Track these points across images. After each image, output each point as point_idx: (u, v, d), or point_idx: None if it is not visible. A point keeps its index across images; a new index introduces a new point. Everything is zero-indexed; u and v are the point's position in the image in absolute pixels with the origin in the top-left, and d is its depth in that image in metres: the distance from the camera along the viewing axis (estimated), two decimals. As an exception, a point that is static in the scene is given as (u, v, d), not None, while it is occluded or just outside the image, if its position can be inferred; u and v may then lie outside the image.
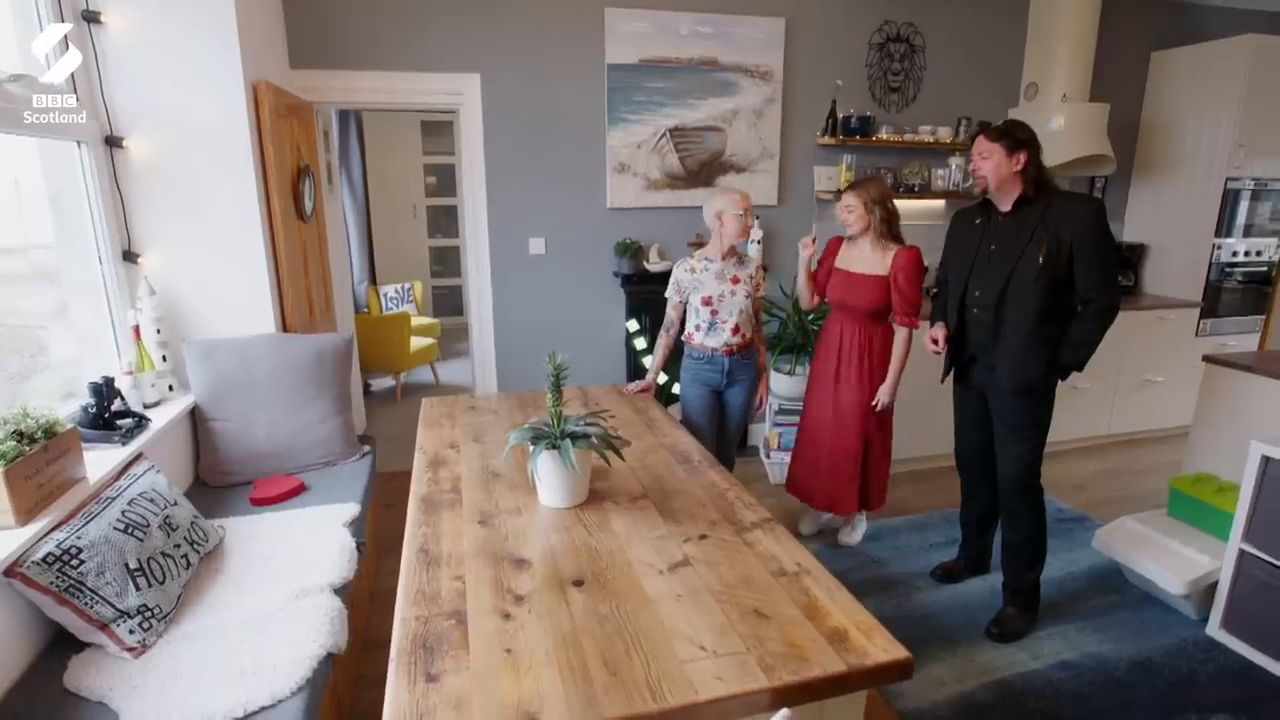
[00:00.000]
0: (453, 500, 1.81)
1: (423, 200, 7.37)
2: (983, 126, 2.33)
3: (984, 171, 2.28)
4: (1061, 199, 2.26)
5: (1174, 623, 2.53)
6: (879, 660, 1.19)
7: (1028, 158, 2.22)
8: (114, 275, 2.43)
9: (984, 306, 2.37)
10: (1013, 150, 2.22)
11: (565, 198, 3.69)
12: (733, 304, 2.61)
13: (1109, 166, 4.07)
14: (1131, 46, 4.37)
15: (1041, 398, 2.37)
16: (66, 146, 2.26)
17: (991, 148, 2.25)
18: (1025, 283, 2.25)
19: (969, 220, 2.46)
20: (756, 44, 3.72)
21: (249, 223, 2.60)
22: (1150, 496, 3.61)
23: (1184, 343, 4.29)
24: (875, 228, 2.66)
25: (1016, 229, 2.28)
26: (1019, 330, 2.30)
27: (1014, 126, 2.26)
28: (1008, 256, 2.29)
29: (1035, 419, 2.39)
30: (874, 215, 2.64)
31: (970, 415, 2.61)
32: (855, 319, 2.76)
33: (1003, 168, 2.24)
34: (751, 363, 2.73)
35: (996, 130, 2.26)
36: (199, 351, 2.51)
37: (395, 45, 3.31)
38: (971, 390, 2.56)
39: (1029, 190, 2.25)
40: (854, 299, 2.72)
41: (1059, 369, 2.32)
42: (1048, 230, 2.21)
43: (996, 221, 2.35)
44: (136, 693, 1.45)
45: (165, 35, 2.38)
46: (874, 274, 2.68)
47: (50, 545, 1.54)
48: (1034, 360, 2.30)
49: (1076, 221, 2.19)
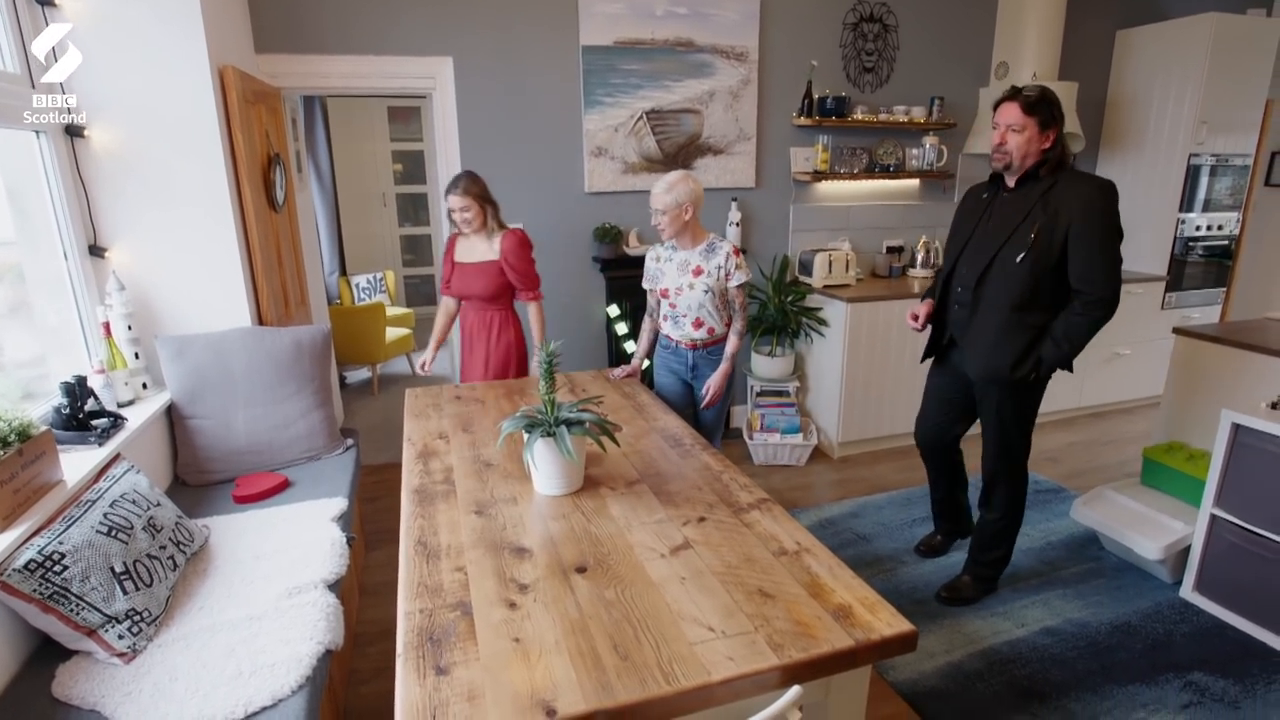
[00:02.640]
0: (446, 491, 1.79)
1: (392, 188, 7.23)
2: (1013, 91, 2.05)
3: (1011, 146, 2.05)
4: (1069, 178, 2.05)
5: (1150, 587, 2.61)
6: (884, 634, 1.21)
7: (1057, 135, 2.02)
8: (80, 271, 2.34)
9: (966, 285, 2.26)
10: (1046, 127, 2.01)
11: (542, 182, 3.64)
12: (690, 298, 2.47)
13: (1078, 144, 4.14)
14: (1097, 25, 4.44)
15: (1023, 392, 2.24)
16: (25, 137, 2.16)
17: (1025, 120, 2.00)
18: (1009, 263, 2.11)
19: (977, 196, 2.32)
20: (732, 25, 3.70)
21: (220, 213, 2.53)
22: (1122, 466, 3.71)
23: (1150, 316, 4.40)
24: (486, 221, 2.74)
25: (1016, 206, 2.12)
26: (993, 314, 2.18)
27: (1049, 98, 2.02)
28: (999, 234, 2.15)
29: (1016, 413, 2.28)
30: (486, 211, 2.72)
31: (936, 397, 2.54)
32: (477, 306, 2.83)
33: (1032, 144, 2.03)
34: (720, 359, 2.57)
35: (1030, 101, 2.00)
36: (172, 347, 2.44)
37: (365, 28, 3.22)
38: (947, 373, 2.47)
39: (1044, 170, 2.06)
40: (473, 288, 2.77)
41: (1036, 362, 2.16)
42: (1046, 210, 2.04)
43: (1001, 198, 2.20)
44: (130, 699, 1.42)
45: (125, 18, 2.28)
46: (487, 261, 2.75)
47: (31, 552, 1.49)
48: (1005, 348, 2.17)
49: (1079, 203, 1.99)
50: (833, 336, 3.78)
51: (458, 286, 2.82)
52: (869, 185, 4.19)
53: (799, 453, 3.77)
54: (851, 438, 3.85)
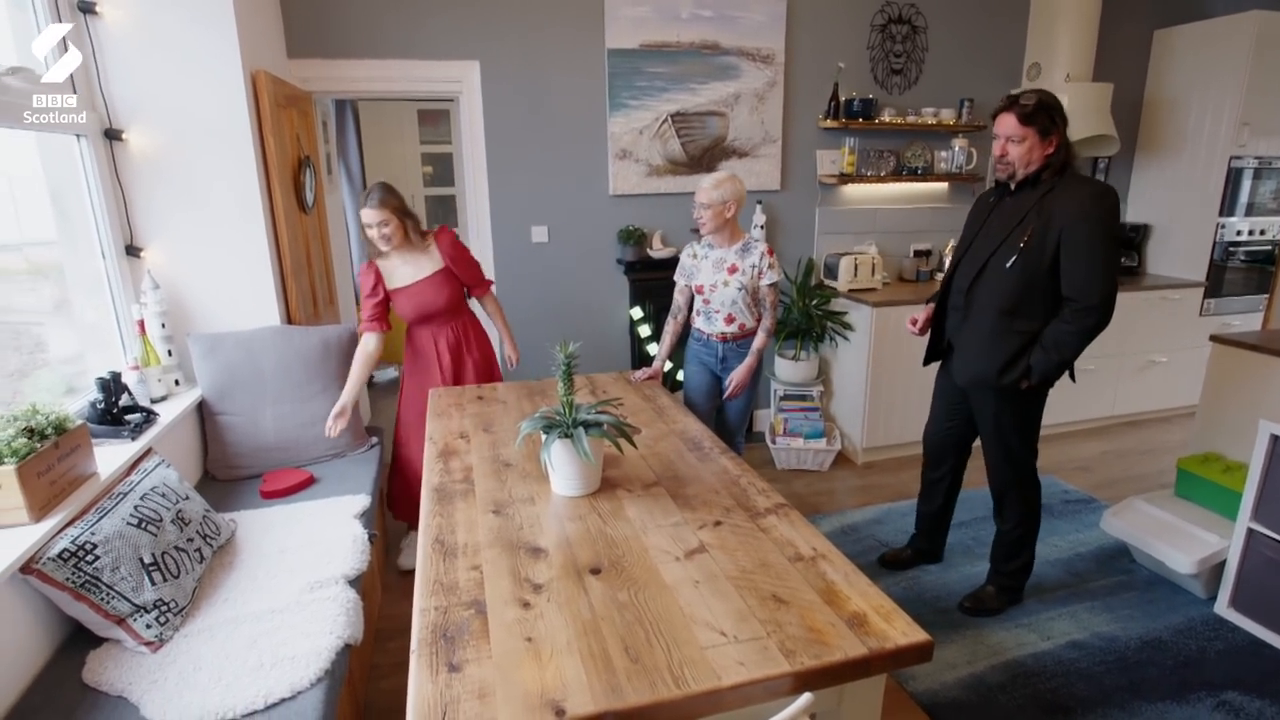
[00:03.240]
0: (465, 490, 1.81)
1: (421, 190, 7.32)
2: (1010, 100, 2.01)
3: (1012, 157, 2.01)
4: (1067, 182, 2.00)
5: (1182, 602, 2.54)
6: (899, 644, 1.19)
7: (1060, 140, 1.97)
8: (117, 270, 2.41)
9: (960, 291, 2.24)
10: (1047, 134, 1.96)
11: (567, 185, 3.67)
12: (724, 294, 2.57)
13: (1113, 146, 4.05)
14: (1134, 25, 4.34)
15: (1018, 400, 2.20)
16: (66, 140, 2.23)
17: (1024, 131, 1.97)
18: (1000, 268, 2.07)
19: (985, 200, 2.30)
20: (758, 27, 3.69)
21: (251, 215, 2.59)
22: (1156, 477, 3.62)
23: (1188, 323, 4.28)
24: (409, 235, 2.53)
25: (1014, 211, 2.09)
26: (982, 320, 2.15)
27: (1047, 103, 1.97)
28: (994, 239, 2.12)
29: (1014, 421, 2.24)
30: (406, 225, 2.51)
31: (943, 399, 2.53)
32: (441, 322, 2.66)
33: (1034, 152, 1.98)
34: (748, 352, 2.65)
35: (1026, 109, 1.95)
36: (204, 345, 2.51)
37: (394, 33, 3.28)
38: (949, 378, 2.46)
39: (1046, 174, 2.01)
40: (433, 305, 2.58)
41: (1025, 371, 2.11)
42: (1040, 215, 2.00)
43: (1004, 203, 2.18)
44: (156, 687, 1.46)
45: (162, 25, 2.35)
46: (433, 272, 2.57)
47: (65, 541, 1.54)
48: (992, 354, 2.14)
49: (1072, 208, 1.95)
50: (858, 341, 3.74)
51: (412, 311, 2.59)
52: (896, 188, 4.14)
53: (822, 458, 3.74)
54: (876, 443, 3.81)
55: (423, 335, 2.68)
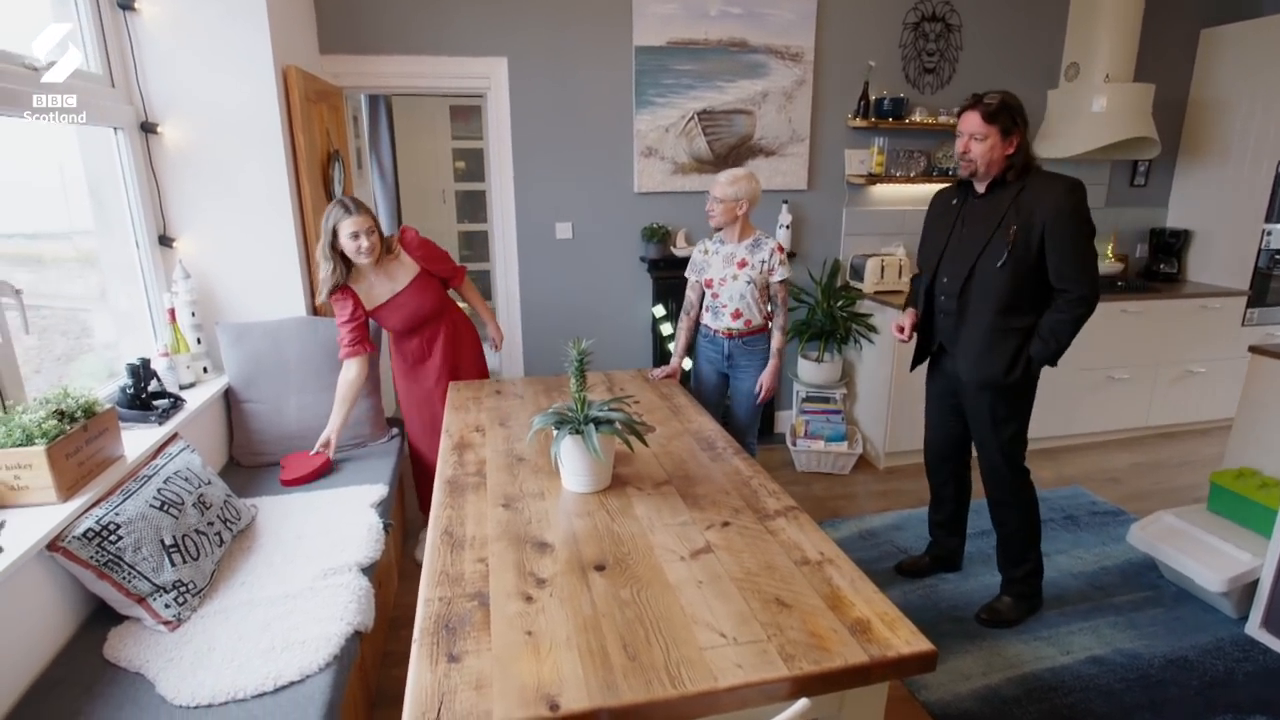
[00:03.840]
0: (477, 483, 1.83)
1: (451, 185, 7.40)
2: (974, 99, 2.08)
3: (974, 154, 2.08)
4: (1037, 180, 2.07)
5: (1211, 621, 2.46)
6: (902, 652, 1.17)
7: (1020, 140, 2.05)
8: (150, 259, 2.48)
9: (950, 294, 2.26)
10: (1008, 133, 2.04)
11: (592, 182, 3.68)
12: (733, 288, 2.60)
13: (1153, 150, 3.93)
14: (1180, 23, 4.20)
15: (1013, 392, 2.25)
16: (104, 133, 2.30)
17: (987, 129, 2.04)
18: (989, 270, 2.12)
19: (946, 201, 2.33)
20: (787, 24, 3.65)
21: (280, 207, 2.64)
22: (1189, 491, 3.51)
23: (1229, 332, 4.14)
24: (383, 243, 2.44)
25: (988, 212, 2.13)
26: (981, 321, 2.19)
27: (1009, 104, 2.04)
28: (975, 241, 2.16)
29: (1010, 413, 2.29)
30: (380, 232, 2.42)
31: (938, 406, 2.53)
32: (433, 326, 2.61)
33: (995, 151, 2.06)
34: (757, 350, 2.69)
35: (990, 108, 2.03)
36: (232, 334, 2.56)
37: (423, 29, 3.31)
38: (941, 381, 2.47)
39: (1010, 175, 2.08)
40: (422, 310, 2.52)
41: (1026, 362, 2.18)
42: (1019, 214, 2.06)
43: (971, 204, 2.21)
44: (172, 665, 1.50)
45: (197, 22, 2.41)
46: (413, 278, 2.51)
47: (90, 521, 1.59)
48: (997, 354, 2.19)
49: (1049, 203, 2.02)
50: (883, 344, 3.69)
51: (401, 323, 2.52)
52: (926, 189, 4.06)
53: (843, 461, 3.70)
54: (899, 448, 3.75)
55: (413, 343, 2.62)
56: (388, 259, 2.48)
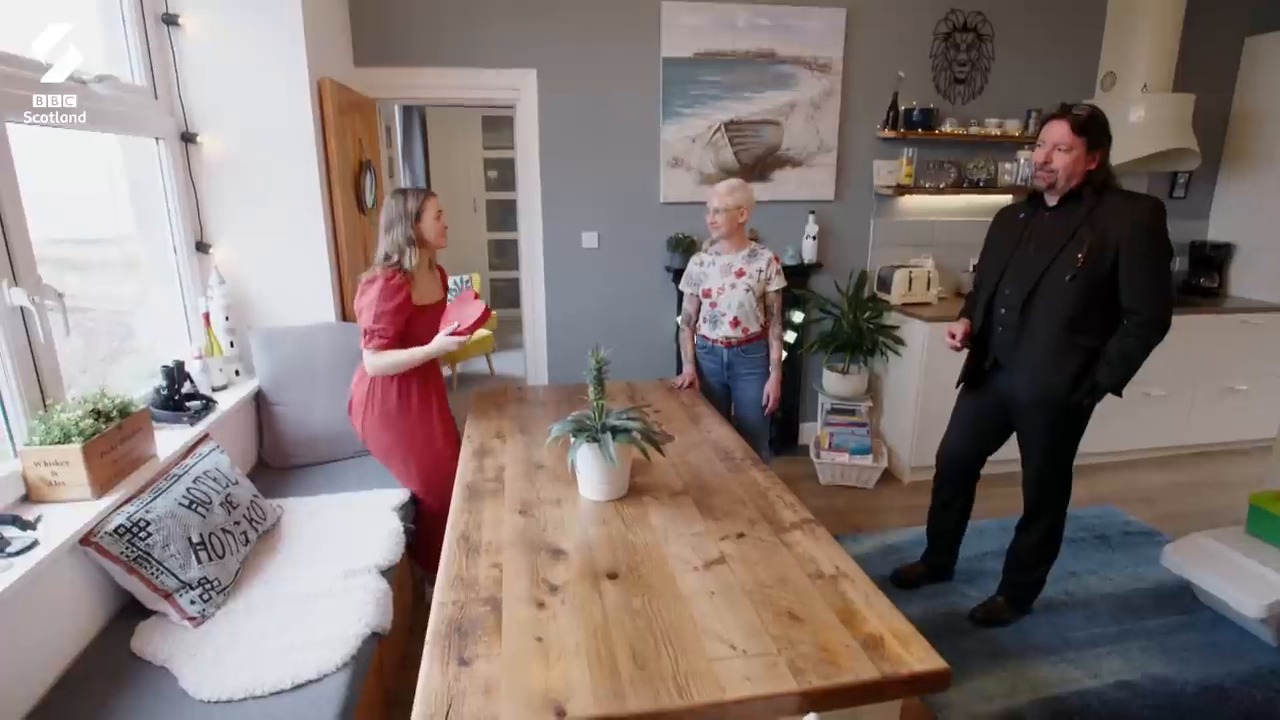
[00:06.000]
0: (495, 489, 1.85)
1: (483, 194, 7.51)
2: (1063, 109, 2.03)
3: (1057, 165, 2.02)
4: (1115, 197, 2.03)
5: (1248, 648, 2.38)
6: (914, 670, 1.16)
7: (1103, 156, 2.02)
8: (188, 265, 2.56)
9: (1011, 307, 2.21)
10: (1094, 147, 2.00)
11: (619, 191, 3.70)
12: (731, 297, 2.64)
13: (1193, 161, 3.84)
14: (1223, 31, 4.10)
15: (1069, 414, 2.19)
16: (145, 143, 2.38)
17: (1074, 140, 1.98)
18: (1058, 283, 2.07)
19: (1012, 216, 2.29)
20: (816, 35, 3.64)
21: (312, 215, 2.70)
22: (1226, 512, 3.39)
23: (1272, 349, 4.00)
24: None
25: (1060, 226, 2.09)
26: (1043, 335, 2.13)
27: (1098, 119, 2.00)
28: (1045, 254, 2.10)
29: (1063, 437, 2.24)
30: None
31: (968, 417, 2.50)
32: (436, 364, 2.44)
33: (1079, 164, 2.01)
34: (756, 357, 2.73)
35: (1080, 120, 1.98)
36: (263, 338, 2.63)
37: (455, 42, 3.38)
38: (984, 397, 2.42)
39: (1087, 190, 2.04)
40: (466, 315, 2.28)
41: (1091, 387, 2.10)
42: (1093, 228, 2.01)
43: (1041, 217, 2.17)
44: (194, 660, 1.54)
45: (237, 36, 2.48)
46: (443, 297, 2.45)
47: (121, 518, 1.64)
48: (1058, 369, 2.12)
49: (1127, 221, 1.97)
50: (910, 356, 3.64)
51: (426, 334, 2.28)
52: (956, 200, 4.02)
53: (867, 474, 3.65)
54: (925, 463, 3.68)
55: (429, 366, 2.39)
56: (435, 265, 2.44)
